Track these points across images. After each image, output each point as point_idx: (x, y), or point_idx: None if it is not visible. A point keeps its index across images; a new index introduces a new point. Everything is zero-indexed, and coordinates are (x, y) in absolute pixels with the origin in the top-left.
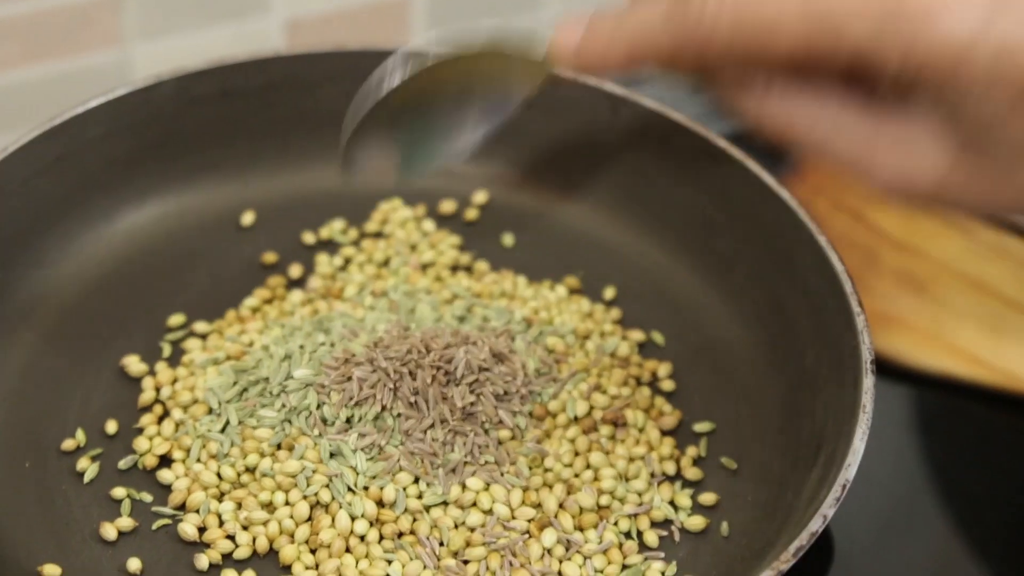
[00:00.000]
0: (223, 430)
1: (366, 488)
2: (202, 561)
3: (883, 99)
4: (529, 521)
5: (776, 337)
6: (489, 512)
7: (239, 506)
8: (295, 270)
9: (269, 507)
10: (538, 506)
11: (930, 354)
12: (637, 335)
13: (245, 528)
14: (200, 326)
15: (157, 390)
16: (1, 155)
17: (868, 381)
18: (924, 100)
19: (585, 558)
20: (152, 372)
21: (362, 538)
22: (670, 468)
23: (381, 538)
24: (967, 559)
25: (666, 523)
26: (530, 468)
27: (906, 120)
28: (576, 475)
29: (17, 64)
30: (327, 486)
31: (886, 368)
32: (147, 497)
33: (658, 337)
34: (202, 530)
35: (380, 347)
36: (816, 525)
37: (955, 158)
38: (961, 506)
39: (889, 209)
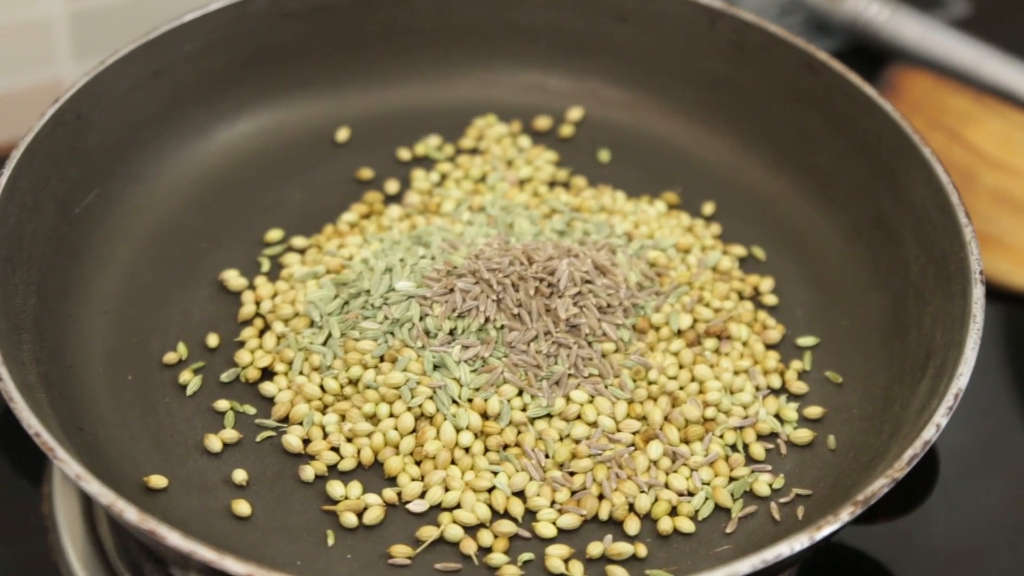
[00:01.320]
0: (325, 343)
1: (470, 400)
2: (307, 473)
3: None
4: (634, 433)
5: (879, 251)
6: (594, 424)
7: (343, 418)
8: (391, 186)
9: (373, 419)
10: (643, 419)
11: None
12: (738, 250)
13: (349, 440)
14: (298, 241)
15: (257, 304)
16: (98, 68)
17: (978, 291)
18: None
19: (692, 470)
20: (251, 286)
21: (467, 450)
22: (775, 382)
23: (486, 450)
24: None
25: (772, 436)
26: (634, 381)
27: None
28: (681, 388)
29: None
30: (431, 398)
31: (987, 289)
32: (250, 410)
33: (759, 252)
34: (306, 442)
35: (482, 259)
36: (929, 434)
37: None
38: None
39: (986, 127)
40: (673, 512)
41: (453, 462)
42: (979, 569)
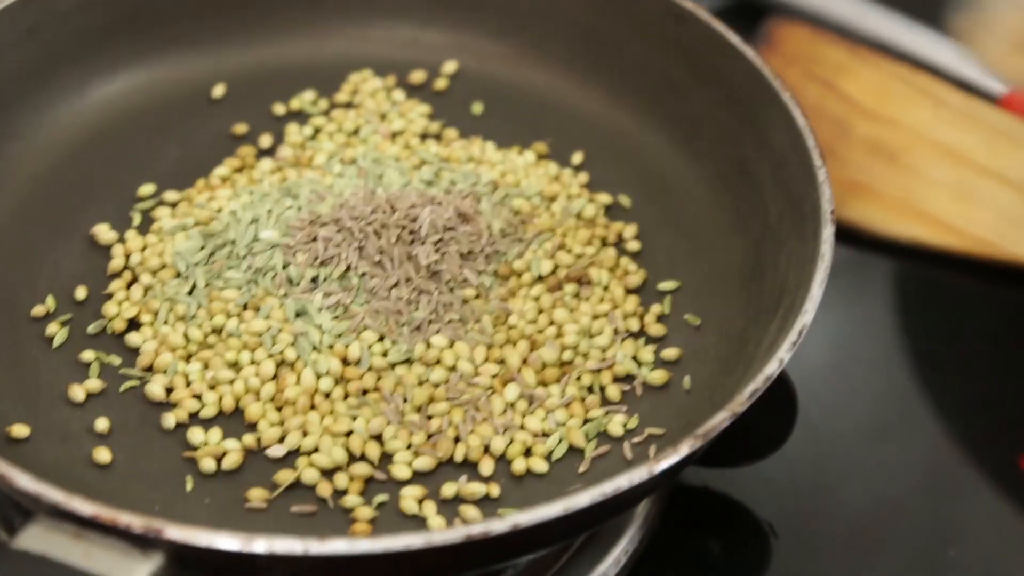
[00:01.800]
0: (190, 292)
1: (331, 346)
2: (169, 420)
3: None
4: (493, 377)
5: (740, 196)
6: (453, 369)
7: (206, 366)
8: (265, 140)
9: (235, 367)
10: (501, 362)
11: (902, 222)
12: (604, 198)
13: (212, 388)
14: (170, 195)
15: (127, 257)
16: None
17: (827, 231)
18: None
19: (547, 412)
20: (122, 240)
21: (327, 395)
22: (634, 325)
23: (346, 395)
24: (938, 424)
25: (629, 378)
26: (494, 326)
27: None
28: (540, 331)
29: None
30: (292, 345)
31: (858, 237)
32: (115, 360)
33: (625, 200)
34: (169, 391)
35: (346, 208)
36: (772, 368)
37: None
38: (930, 370)
39: (861, 78)
40: (528, 453)
41: (313, 407)
42: (838, 503)
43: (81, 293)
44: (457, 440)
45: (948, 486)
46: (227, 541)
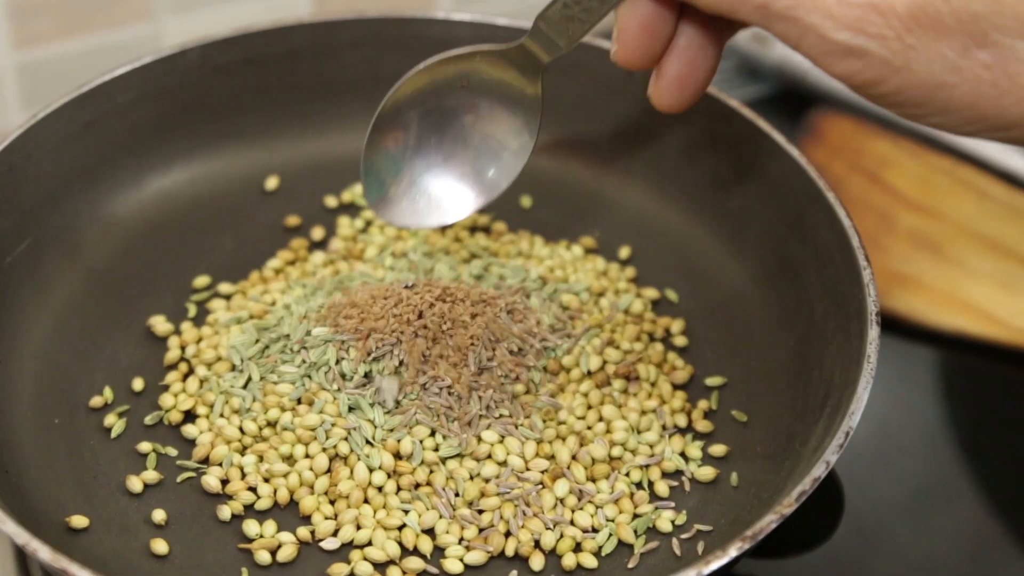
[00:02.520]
0: (245, 386)
1: (384, 440)
2: (224, 512)
3: None
4: (543, 472)
5: (786, 293)
6: (503, 464)
7: (260, 459)
8: (317, 232)
9: (289, 460)
10: (551, 458)
11: (946, 313)
12: (651, 293)
13: (266, 480)
14: (224, 287)
15: (182, 348)
16: (32, 121)
17: (873, 332)
18: None
19: (597, 507)
20: (178, 331)
21: (380, 489)
22: (681, 421)
23: (399, 489)
24: (984, 517)
25: (677, 474)
26: (544, 421)
27: None
28: (589, 427)
29: (52, 39)
30: (346, 439)
31: (903, 327)
32: (172, 451)
33: (672, 295)
34: (225, 482)
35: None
36: (819, 471)
37: None
38: (979, 464)
39: (905, 170)
40: (577, 548)
41: (366, 501)
42: None
43: (138, 384)
44: (508, 535)
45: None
46: None
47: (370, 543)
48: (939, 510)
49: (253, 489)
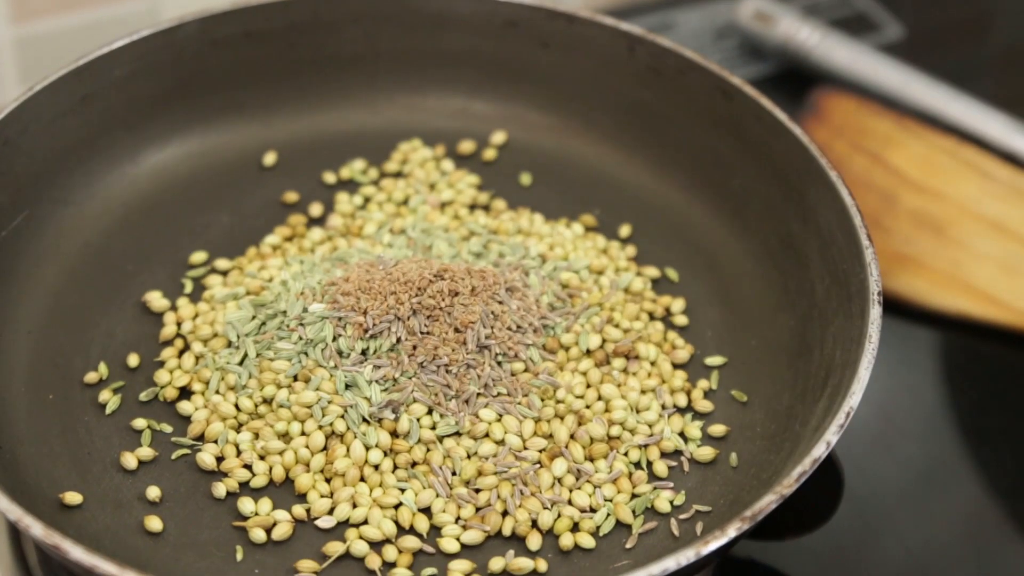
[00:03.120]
0: (241, 362)
1: (380, 419)
2: (219, 489)
3: None
4: (540, 451)
5: (787, 273)
6: (501, 442)
7: (256, 436)
8: (315, 209)
9: (285, 437)
10: (549, 436)
11: (948, 295)
12: (652, 271)
13: (262, 458)
14: (221, 263)
15: (178, 324)
16: (28, 94)
17: (875, 312)
18: None
19: (595, 487)
20: (174, 307)
21: (376, 467)
22: (681, 400)
23: (395, 467)
24: (985, 500)
25: (676, 454)
26: (542, 400)
27: None
28: (587, 406)
29: (50, 13)
30: (342, 416)
31: (904, 309)
32: (167, 428)
33: (672, 274)
34: (220, 460)
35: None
36: (819, 451)
37: None
38: (980, 446)
39: (908, 150)
40: (575, 528)
41: (363, 479)
42: None
43: (133, 360)
44: (505, 514)
45: (994, 560)
46: None
47: (366, 522)
48: (939, 493)
49: (248, 466)
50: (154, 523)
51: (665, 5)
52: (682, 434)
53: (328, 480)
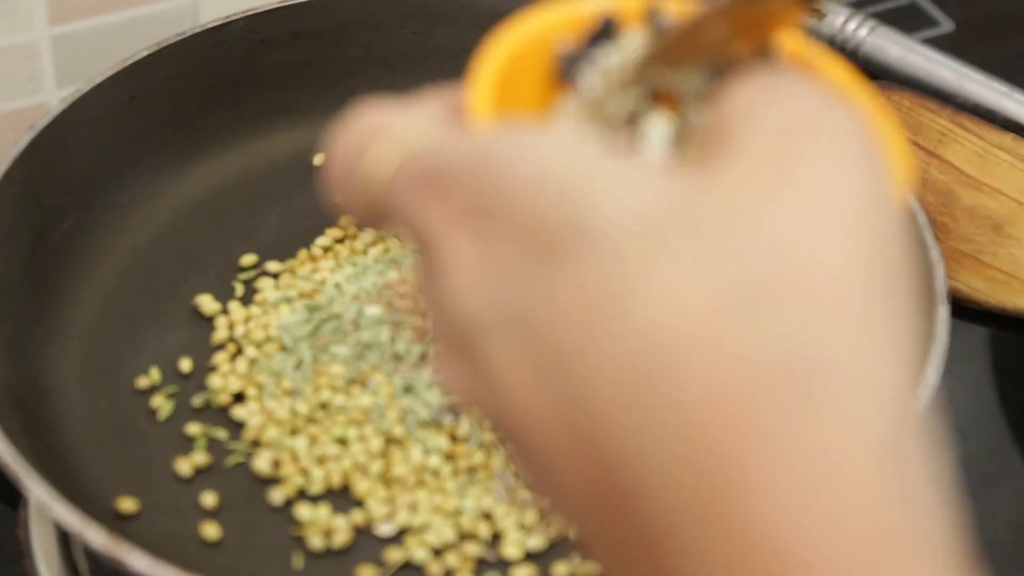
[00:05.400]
0: (297, 367)
1: (439, 423)
2: (277, 496)
3: None
4: None
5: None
6: None
7: (313, 442)
8: None
9: (343, 442)
10: None
11: (1007, 293)
12: None
13: (319, 464)
14: (272, 265)
15: (230, 328)
16: (75, 96)
17: (942, 312)
18: None
19: None
20: (225, 311)
21: (436, 473)
22: None
23: (455, 473)
24: None
25: None
26: None
27: None
28: None
29: (89, 13)
30: (401, 421)
31: (962, 307)
32: (221, 434)
33: None
34: (276, 465)
35: None
36: None
37: None
38: None
39: (964, 147)
40: None
41: (422, 485)
42: None
43: (186, 365)
44: None
45: None
46: None
47: (426, 528)
48: (998, 491)
49: (305, 473)
50: (211, 531)
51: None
52: None
53: (387, 486)
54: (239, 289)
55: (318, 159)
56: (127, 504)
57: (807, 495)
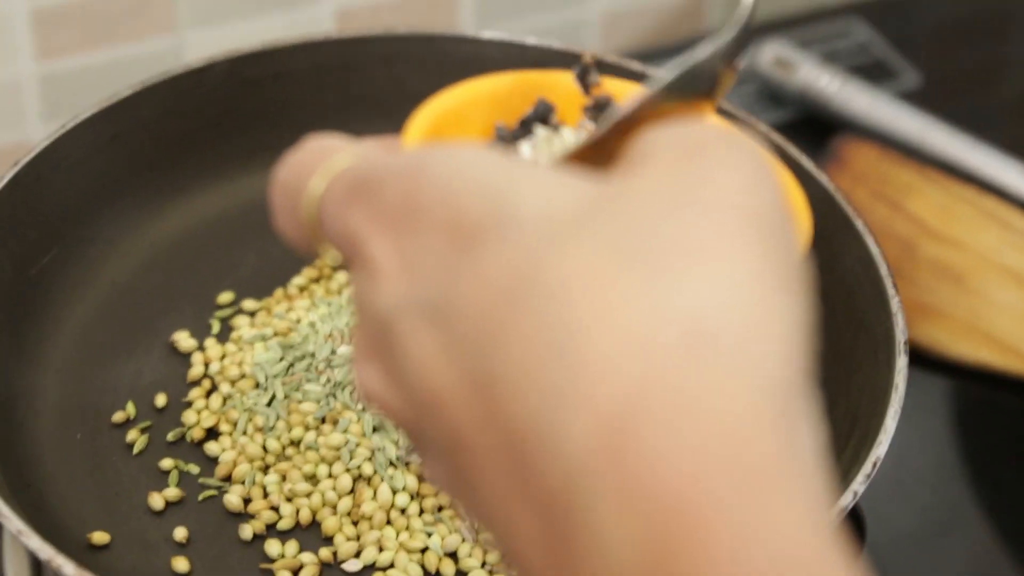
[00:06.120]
0: (269, 404)
1: (407, 463)
2: (246, 531)
3: None
4: None
5: (812, 321)
6: None
7: (283, 478)
8: None
9: (312, 479)
10: None
11: (967, 345)
12: None
13: (289, 500)
14: (249, 303)
15: (206, 365)
16: (58, 132)
17: (901, 361)
18: None
19: None
20: (201, 348)
21: (403, 511)
22: None
23: (421, 511)
24: (1000, 550)
25: None
26: None
27: None
28: None
29: (75, 50)
30: (369, 459)
31: (923, 358)
32: (194, 469)
33: None
34: (247, 501)
35: None
36: (846, 501)
37: None
38: (996, 497)
39: (928, 199)
40: None
41: (389, 523)
42: None
43: (161, 400)
44: None
45: None
46: None
47: (392, 565)
48: (955, 541)
49: (276, 508)
50: (181, 564)
51: (685, 50)
52: None
53: (355, 523)
54: (216, 326)
55: None
56: (99, 536)
57: (700, 436)
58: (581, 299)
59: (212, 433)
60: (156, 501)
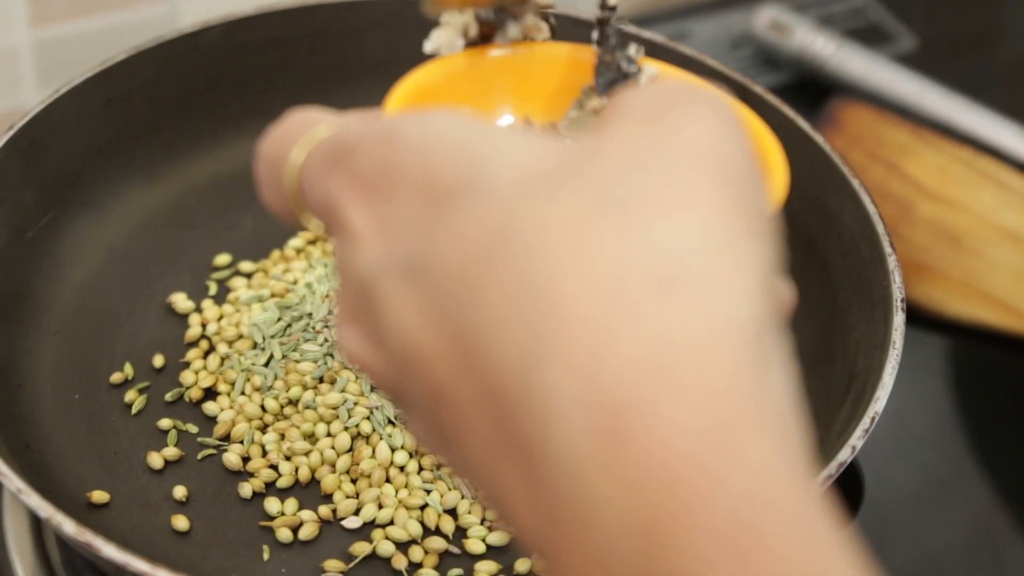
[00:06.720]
0: (267, 364)
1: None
2: (246, 489)
3: None
4: None
5: (809, 279)
6: None
7: (282, 437)
8: None
9: (311, 438)
10: None
11: (964, 303)
12: None
13: (288, 458)
14: (245, 265)
15: (203, 326)
16: (52, 97)
17: (898, 318)
18: None
19: None
20: (198, 309)
21: (402, 468)
22: None
23: (420, 469)
24: (997, 506)
25: None
26: None
27: None
28: None
29: (68, 17)
30: (368, 418)
31: (921, 317)
32: (193, 428)
33: None
34: (246, 460)
35: None
36: (844, 455)
37: None
38: (993, 454)
39: (924, 160)
40: None
41: (388, 480)
42: None
43: (159, 361)
44: None
45: (1007, 563)
46: None
47: (392, 522)
48: (953, 497)
49: (274, 467)
50: (181, 522)
51: (681, 14)
52: None
53: (354, 481)
54: (212, 288)
55: None
56: (99, 495)
57: (672, 374)
58: (555, 251)
59: (210, 393)
60: (155, 460)
